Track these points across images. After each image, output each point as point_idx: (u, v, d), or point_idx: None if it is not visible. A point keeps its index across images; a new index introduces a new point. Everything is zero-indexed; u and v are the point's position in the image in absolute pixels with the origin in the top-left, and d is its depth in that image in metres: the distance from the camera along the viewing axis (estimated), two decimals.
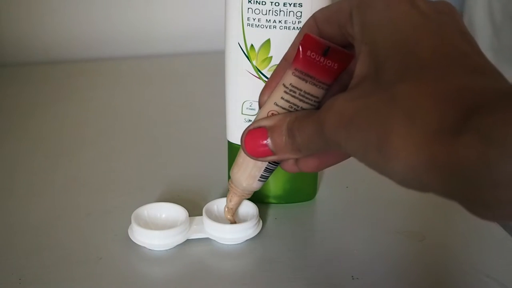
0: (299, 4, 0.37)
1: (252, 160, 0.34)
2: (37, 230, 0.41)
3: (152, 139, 0.54)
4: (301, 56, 0.31)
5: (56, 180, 0.47)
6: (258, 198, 0.43)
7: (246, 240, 0.39)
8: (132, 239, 0.38)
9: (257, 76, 0.39)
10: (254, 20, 0.38)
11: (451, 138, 0.21)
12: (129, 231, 0.39)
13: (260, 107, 0.33)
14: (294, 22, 0.38)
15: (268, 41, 0.38)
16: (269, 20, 0.38)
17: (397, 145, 0.23)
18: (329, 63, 0.31)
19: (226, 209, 0.38)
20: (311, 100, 0.31)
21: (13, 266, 0.37)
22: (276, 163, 0.34)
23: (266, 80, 0.39)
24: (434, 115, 0.22)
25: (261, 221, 0.40)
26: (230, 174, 0.36)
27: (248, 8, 0.38)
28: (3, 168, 0.49)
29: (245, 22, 0.38)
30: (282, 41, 0.38)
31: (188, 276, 0.36)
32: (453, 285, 0.36)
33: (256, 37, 0.38)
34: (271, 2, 0.37)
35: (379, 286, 0.36)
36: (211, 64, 0.69)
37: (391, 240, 0.40)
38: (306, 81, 0.31)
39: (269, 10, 0.38)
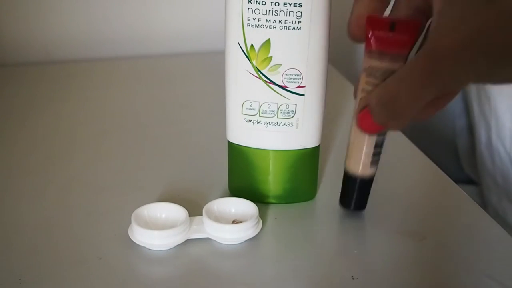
0: (299, 4, 0.37)
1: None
2: (37, 230, 0.41)
3: (152, 139, 0.54)
4: (370, 37, 0.33)
5: (56, 180, 0.47)
6: (258, 198, 0.43)
7: (246, 240, 0.39)
8: (132, 239, 0.38)
9: (257, 76, 0.39)
10: (254, 20, 0.38)
11: None
12: (129, 231, 0.39)
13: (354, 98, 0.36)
14: (294, 22, 0.38)
15: (268, 41, 0.38)
16: (269, 20, 0.38)
17: None
18: (399, 36, 0.32)
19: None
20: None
21: (13, 266, 0.37)
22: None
23: (266, 80, 0.39)
24: None
25: (261, 221, 0.40)
26: None
27: (248, 8, 0.38)
28: (3, 168, 0.49)
29: (245, 22, 0.38)
30: (282, 41, 0.38)
31: (188, 276, 0.36)
32: (453, 285, 0.36)
33: (256, 37, 0.38)
34: (271, 2, 0.37)
35: (379, 286, 0.36)
36: (211, 64, 0.69)
37: (391, 240, 0.40)
38: (382, 60, 0.33)
39: (269, 10, 0.38)
